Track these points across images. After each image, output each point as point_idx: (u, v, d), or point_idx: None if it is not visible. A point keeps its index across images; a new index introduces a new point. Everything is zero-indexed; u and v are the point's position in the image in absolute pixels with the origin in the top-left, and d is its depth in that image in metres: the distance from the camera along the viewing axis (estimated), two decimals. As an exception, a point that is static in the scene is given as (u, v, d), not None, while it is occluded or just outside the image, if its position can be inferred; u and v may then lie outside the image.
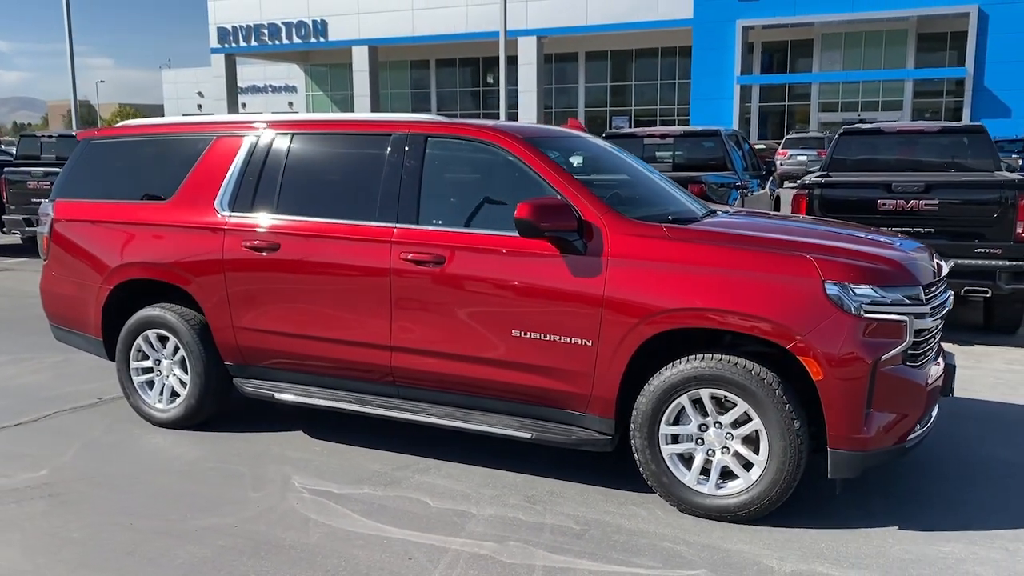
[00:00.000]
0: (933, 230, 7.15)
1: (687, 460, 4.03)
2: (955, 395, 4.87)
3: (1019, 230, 6.99)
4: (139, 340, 5.29)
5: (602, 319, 4.01)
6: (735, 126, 31.57)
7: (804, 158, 27.54)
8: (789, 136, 31.23)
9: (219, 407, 5.29)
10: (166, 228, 5.11)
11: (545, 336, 4.16)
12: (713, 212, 4.87)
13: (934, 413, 4.11)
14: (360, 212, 4.64)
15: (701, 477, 3.99)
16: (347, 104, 48.01)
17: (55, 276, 5.63)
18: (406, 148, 4.59)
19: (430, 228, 4.45)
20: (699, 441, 3.98)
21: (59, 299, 5.65)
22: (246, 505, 4.16)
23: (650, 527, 3.90)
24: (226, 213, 4.96)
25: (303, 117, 5.13)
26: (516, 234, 4.20)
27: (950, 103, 36.62)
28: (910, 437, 3.84)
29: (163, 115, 62.82)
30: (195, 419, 5.20)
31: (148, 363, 5.32)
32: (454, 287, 4.34)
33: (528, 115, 38.19)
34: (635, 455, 4.09)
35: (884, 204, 7.31)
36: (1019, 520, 3.94)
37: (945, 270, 4.31)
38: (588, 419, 4.20)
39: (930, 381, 3.94)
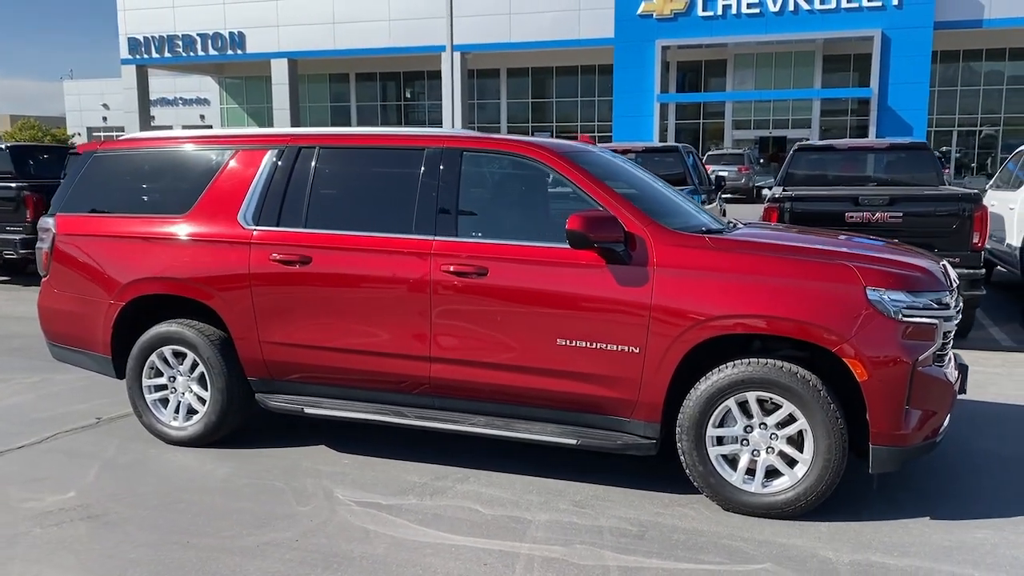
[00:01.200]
0: (897, 240, 7.57)
1: (731, 461, 4.21)
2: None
3: (975, 240, 7.50)
4: (153, 357, 5.18)
5: (650, 326, 4.16)
6: (655, 142, 32.37)
7: (725, 174, 28.44)
8: (711, 153, 32.24)
9: (239, 423, 5.21)
10: (185, 242, 5.03)
11: (592, 344, 4.28)
12: (733, 225, 5.09)
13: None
14: (395, 225, 4.68)
15: (746, 477, 4.18)
16: (264, 118, 47.14)
17: (57, 293, 5.45)
18: (442, 162, 4.66)
19: (471, 240, 4.53)
20: (744, 442, 4.17)
21: (61, 317, 5.47)
22: (297, 519, 4.14)
23: (703, 526, 4.06)
24: (251, 227, 4.92)
25: (329, 131, 5.15)
26: (559, 245, 4.34)
27: (855, 121, 38.46)
28: (940, 431, 4.13)
29: (66, 127, 60.35)
30: (214, 436, 5.12)
31: (162, 380, 5.20)
32: (498, 298, 4.43)
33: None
34: (682, 457, 4.25)
35: (852, 216, 7.72)
36: (1033, 507, 4.27)
37: (953, 275, 4.62)
38: (633, 424, 4.33)
39: (953, 380, 4.23)
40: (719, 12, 33.72)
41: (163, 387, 5.22)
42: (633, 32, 34.49)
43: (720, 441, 4.20)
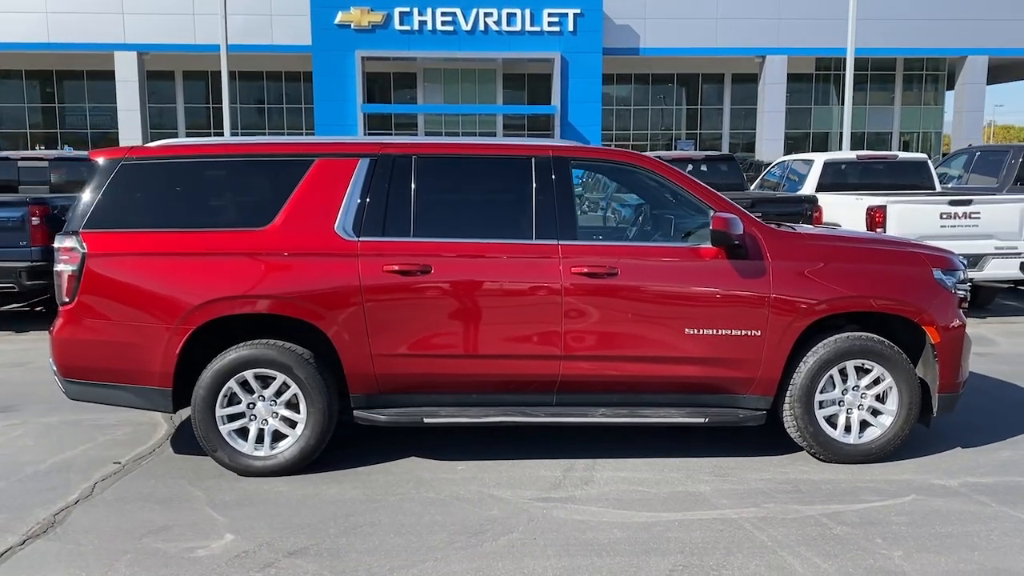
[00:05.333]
0: None
1: (829, 420, 5.02)
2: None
3: (814, 235, 9.14)
4: (231, 383, 4.72)
5: (769, 311, 4.83)
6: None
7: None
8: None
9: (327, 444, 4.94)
10: (276, 256, 4.69)
11: (718, 331, 4.84)
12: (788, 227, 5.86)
13: None
14: (510, 231, 4.85)
15: (844, 432, 5.01)
16: None
17: (89, 322, 4.69)
18: (553, 170, 4.90)
19: (598, 243, 4.86)
20: (840, 403, 5.01)
21: (95, 348, 4.72)
22: (504, 522, 4.18)
23: (829, 475, 4.82)
24: (354, 238, 4.74)
25: (423, 140, 5.11)
26: (680, 244, 4.89)
27: (536, 136, 42.01)
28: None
29: None
30: (309, 460, 4.80)
31: (240, 408, 4.76)
32: (629, 295, 4.81)
33: (132, 136, 35.10)
34: (793, 422, 4.97)
35: (723, 218, 8.99)
36: None
37: None
38: (748, 399, 4.97)
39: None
40: (415, 27, 34.95)
41: (238, 416, 4.78)
42: (331, 41, 34.47)
43: (821, 405, 4.99)
